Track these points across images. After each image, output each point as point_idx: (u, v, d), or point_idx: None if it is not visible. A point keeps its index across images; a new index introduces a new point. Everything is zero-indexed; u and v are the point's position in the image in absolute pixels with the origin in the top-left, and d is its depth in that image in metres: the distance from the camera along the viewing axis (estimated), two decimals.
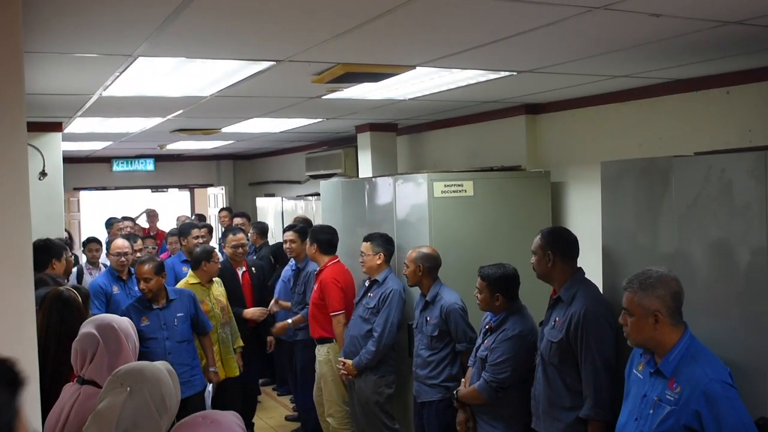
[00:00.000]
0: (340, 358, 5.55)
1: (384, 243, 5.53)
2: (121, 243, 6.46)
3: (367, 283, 5.55)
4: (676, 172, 3.49)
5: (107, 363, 2.94)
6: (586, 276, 3.96)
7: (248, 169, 13.48)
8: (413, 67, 4.13)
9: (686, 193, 3.43)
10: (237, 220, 9.16)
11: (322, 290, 5.80)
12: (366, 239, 5.56)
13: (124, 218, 10.23)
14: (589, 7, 2.84)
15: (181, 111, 5.98)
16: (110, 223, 9.96)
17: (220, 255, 6.49)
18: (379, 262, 5.46)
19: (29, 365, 1.96)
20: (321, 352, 5.89)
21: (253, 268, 7.00)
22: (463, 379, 4.57)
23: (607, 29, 3.29)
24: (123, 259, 6.37)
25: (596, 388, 3.63)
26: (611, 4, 2.80)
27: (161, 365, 2.57)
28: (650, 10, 2.91)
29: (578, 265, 3.99)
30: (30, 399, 1.96)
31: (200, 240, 7.23)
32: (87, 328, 3.06)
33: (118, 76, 4.14)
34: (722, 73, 4.53)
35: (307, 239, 6.07)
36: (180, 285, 6.01)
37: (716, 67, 4.38)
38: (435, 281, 4.94)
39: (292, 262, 6.72)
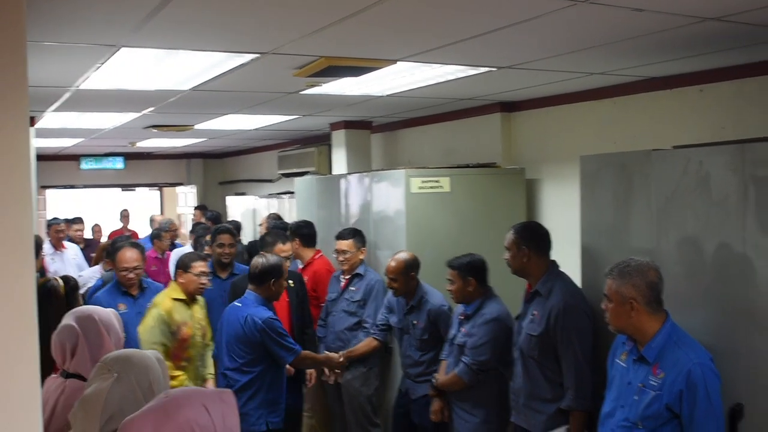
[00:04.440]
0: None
1: (362, 237, 5.55)
2: (129, 256, 5.22)
3: (343, 279, 5.55)
4: (655, 165, 3.55)
5: (90, 356, 2.91)
6: (560, 269, 4.02)
7: (218, 168, 13.43)
8: (395, 61, 4.16)
9: (664, 186, 3.49)
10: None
11: (316, 282, 5.78)
12: (345, 237, 5.52)
13: (75, 219, 9.98)
14: (574, 1, 2.88)
15: (157, 105, 5.95)
16: (48, 225, 9.13)
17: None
18: (362, 257, 5.49)
19: (30, 359, 1.96)
20: None
21: (291, 282, 5.78)
22: (437, 374, 4.60)
23: (589, 24, 3.35)
24: (131, 275, 5.21)
25: (577, 379, 3.68)
26: None
27: (151, 353, 2.56)
28: (633, 4, 2.97)
29: (552, 259, 4.04)
30: (30, 393, 1.95)
31: (227, 249, 6.05)
32: (67, 320, 3.02)
33: (98, 68, 4.11)
34: (696, 71, 4.63)
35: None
36: (159, 298, 4.98)
37: (691, 65, 4.46)
38: (418, 284, 4.94)
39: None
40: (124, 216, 12.00)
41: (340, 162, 7.88)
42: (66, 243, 8.92)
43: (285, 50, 3.79)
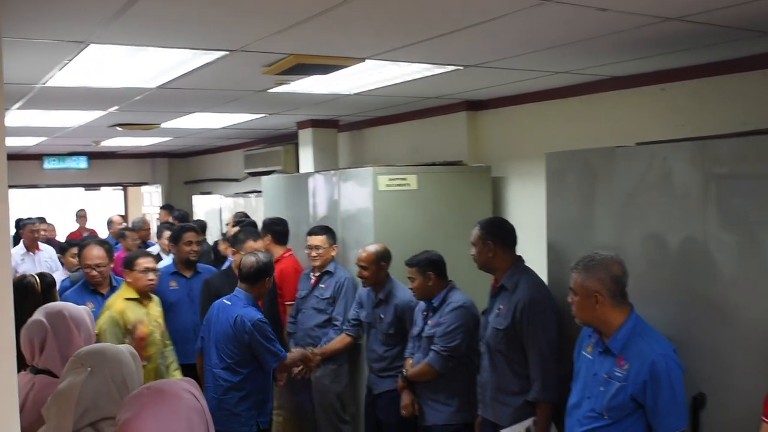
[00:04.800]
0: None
1: (334, 234, 5.59)
2: (93, 253, 5.21)
3: (313, 276, 5.57)
4: (619, 162, 3.64)
5: (58, 352, 2.91)
6: (526, 264, 4.08)
7: (184, 168, 13.36)
8: (363, 59, 4.19)
9: (628, 182, 3.58)
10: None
11: (282, 280, 5.79)
12: (318, 233, 5.55)
13: (38, 219, 9.87)
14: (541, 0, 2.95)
15: (124, 103, 5.90)
16: (21, 225, 9.05)
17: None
18: (333, 254, 5.52)
19: (6, 355, 1.95)
20: None
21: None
22: (408, 363, 4.64)
23: (555, 23, 3.40)
24: (95, 272, 5.20)
25: (543, 371, 3.75)
26: None
27: (124, 348, 2.58)
28: (598, 4, 3.03)
29: (518, 254, 4.11)
30: (7, 388, 1.94)
31: (194, 247, 5.95)
32: (37, 315, 3.02)
33: (65, 65, 4.09)
34: (658, 70, 4.72)
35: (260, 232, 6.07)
36: (111, 301, 4.94)
37: (652, 65, 4.55)
38: (388, 278, 5.00)
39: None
40: (81, 216, 11.85)
41: (307, 161, 7.90)
42: (41, 245, 8.82)
43: (254, 48, 3.80)
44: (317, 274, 5.55)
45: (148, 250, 7.18)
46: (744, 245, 3.10)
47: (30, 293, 3.47)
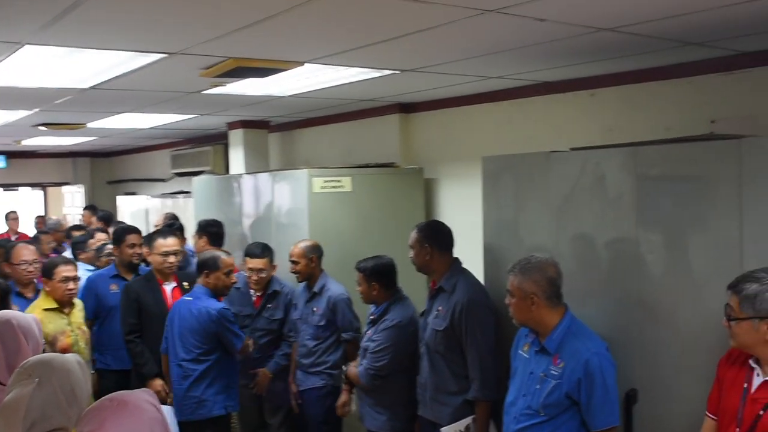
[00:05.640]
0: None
1: (272, 253, 5.33)
2: (26, 252, 5.13)
3: (255, 295, 5.43)
4: (553, 166, 3.75)
5: (5, 361, 2.84)
6: (463, 266, 4.17)
7: (107, 167, 13.10)
8: (302, 63, 4.21)
9: (563, 186, 3.69)
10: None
11: None
12: (259, 255, 5.23)
13: None
14: (482, 9, 3.02)
15: (53, 103, 5.76)
16: None
17: (79, 266, 5.38)
18: (274, 273, 5.36)
19: None
20: None
21: (186, 283, 5.29)
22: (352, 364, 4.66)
23: (494, 32, 3.50)
24: (32, 268, 5.12)
25: (482, 370, 3.83)
26: (503, 8, 3.00)
27: (72, 357, 2.53)
28: (537, 14, 3.13)
29: (455, 256, 4.18)
30: None
31: (137, 249, 5.65)
32: None
33: None
34: (588, 76, 4.87)
35: (195, 234, 6.01)
36: (30, 311, 4.58)
37: (583, 71, 4.70)
38: (322, 272, 5.04)
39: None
40: (12, 219, 11.15)
41: (237, 161, 7.86)
42: None
43: (194, 51, 3.78)
44: (259, 294, 5.38)
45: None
46: (671, 246, 3.24)
47: None
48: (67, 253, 7.09)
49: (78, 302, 4.96)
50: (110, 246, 6.15)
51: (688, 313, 3.17)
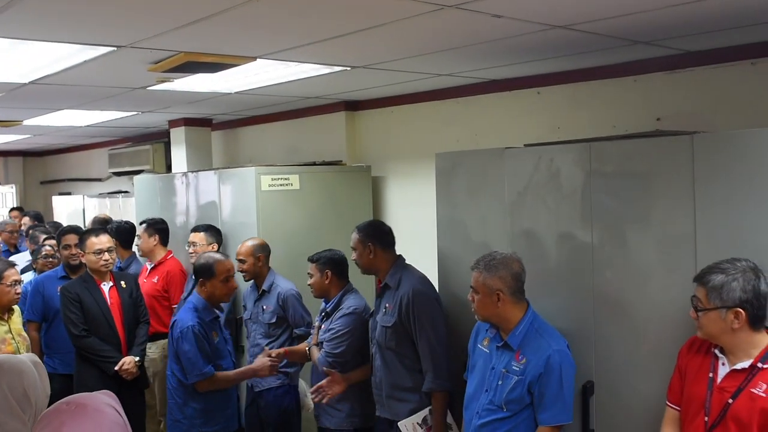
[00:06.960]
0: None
1: (217, 233, 5.57)
2: None
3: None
4: (508, 162, 3.78)
5: None
6: (407, 262, 4.18)
7: (40, 167, 12.73)
8: (254, 58, 4.16)
9: (517, 182, 3.73)
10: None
11: (169, 282, 5.65)
12: (198, 230, 5.56)
13: None
14: (442, 5, 3.02)
15: None
16: None
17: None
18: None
19: None
20: (157, 348, 5.69)
21: (123, 282, 5.15)
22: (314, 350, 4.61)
23: (450, 28, 3.51)
24: None
25: (434, 361, 3.84)
26: (462, 4, 3.01)
27: (26, 357, 2.45)
28: (494, 11, 3.15)
29: (398, 254, 4.20)
30: None
31: (73, 250, 5.41)
32: None
33: None
34: (534, 74, 4.93)
35: (144, 233, 5.88)
36: None
37: (530, 69, 4.75)
38: (270, 270, 5.00)
39: None
40: None
41: (179, 160, 7.72)
42: None
43: (143, 44, 3.69)
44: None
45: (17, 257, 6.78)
46: (625, 241, 3.30)
47: None
48: (26, 255, 6.90)
49: (16, 308, 4.77)
50: (48, 248, 6.01)
51: (642, 306, 3.24)
